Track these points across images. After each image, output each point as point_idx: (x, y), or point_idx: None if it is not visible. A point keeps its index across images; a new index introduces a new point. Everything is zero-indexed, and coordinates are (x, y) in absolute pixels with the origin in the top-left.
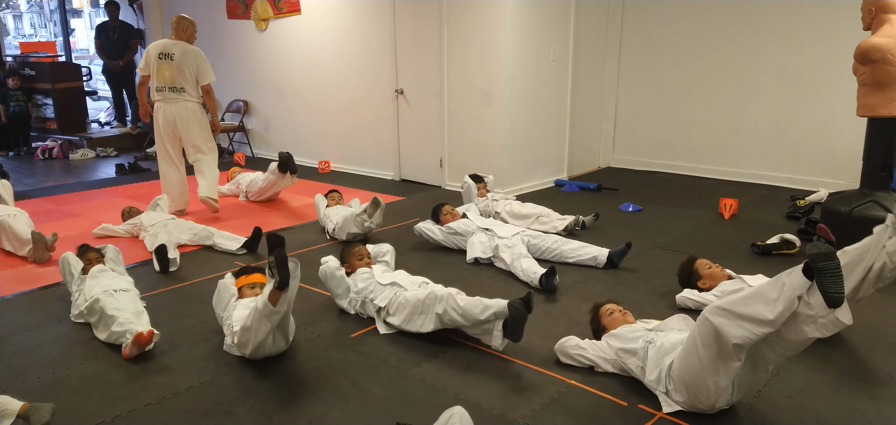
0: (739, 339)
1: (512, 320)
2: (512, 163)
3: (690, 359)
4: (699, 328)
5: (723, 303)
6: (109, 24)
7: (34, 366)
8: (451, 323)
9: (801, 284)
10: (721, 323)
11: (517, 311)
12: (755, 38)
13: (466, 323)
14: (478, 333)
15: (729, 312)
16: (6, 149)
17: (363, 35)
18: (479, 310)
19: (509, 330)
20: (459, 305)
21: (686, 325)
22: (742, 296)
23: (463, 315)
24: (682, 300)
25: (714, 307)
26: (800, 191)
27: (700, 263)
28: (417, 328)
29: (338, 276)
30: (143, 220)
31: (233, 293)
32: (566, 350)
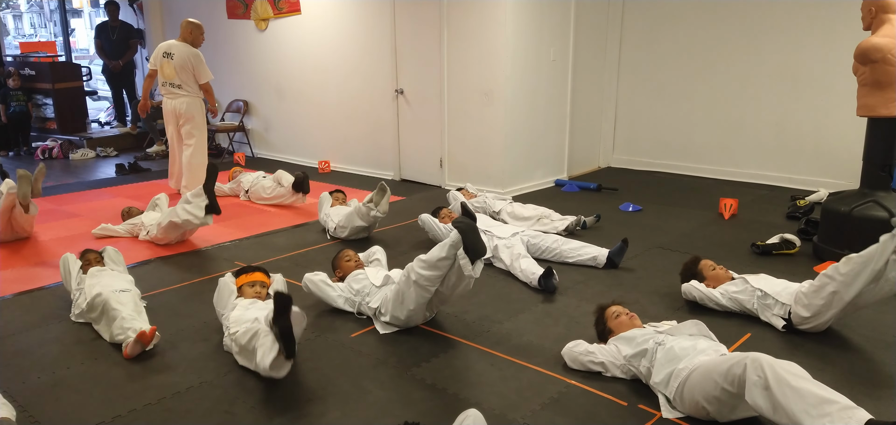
0: (757, 406)
1: (464, 236)
2: (512, 163)
3: (707, 386)
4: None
5: (767, 363)
6: (109, 23)
7: (34, 366)
8: (426, 283)
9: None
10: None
11: (463, 225)
12: (755, 38)
13: (437, 272)
14: (457, 281)
15: (765, 381)
16: (6, 149)
17: (363, 35)
18: (443, 253)
19: (469, 250)
20: (423, 260)
21: (698, 330)
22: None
23: (429, 266)
24: (687, 291)
25: (758, 361)
26: (800, 191)
27: (704, 264)
28: (407, 313)
29: (323, 287)
30: (143, 220)
31: (233, 290)
32: (575, 355)
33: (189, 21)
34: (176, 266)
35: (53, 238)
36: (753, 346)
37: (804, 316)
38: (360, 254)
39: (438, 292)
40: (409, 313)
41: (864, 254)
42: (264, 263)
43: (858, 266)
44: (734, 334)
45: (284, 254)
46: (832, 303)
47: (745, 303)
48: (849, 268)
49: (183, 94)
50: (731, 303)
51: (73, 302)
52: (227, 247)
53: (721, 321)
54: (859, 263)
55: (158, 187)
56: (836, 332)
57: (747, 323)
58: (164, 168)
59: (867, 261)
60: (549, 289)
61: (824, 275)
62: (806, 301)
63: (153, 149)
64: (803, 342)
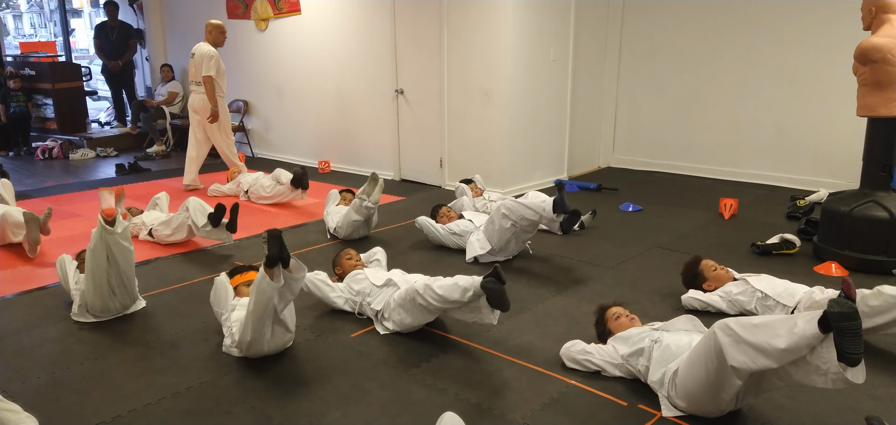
0: (738, 364)
1: (491, 296)
2: (512, 163)
3: (695, 370)
4: (706, 340)
5: (733, 322)
6: (108, 23)
7: (34, 366)
8: (437, 312)
9: (813, 336)
10: (725, 342)
11: (492, 287)
12: (755, 38)
13: (446, 307)
14: (471, 315)
15: (735, 334)
16: (6, 149)
17: (363, 35)
18: (458, 294)
19: (494, 304)
20: (437, 293)
21: (693, 326)
22: (753, 321)
23: (443, 301)
24: (687, 301)
25: (724, 323)
26: (800, 191)
27: (705, 264)
28: (410, 326)
29: (323, 287)
30: (143, 219)
31: (229, 290)
32: (572, 355)
33: (209, 22)
34: (176, 266)
35: (53, 238)
36: None
37: None
38: (360, 254)
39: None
40: (411, 325)
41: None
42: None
43: (888, 304)
44: None
45: None
46: None
47: (745, 306)
48: (879, 303)
49: (200, 90)
50: (731, 307)
51: (74, 301)
52: (228, 246)
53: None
54: (891, 301)
55: (158, 187)
56: None
57: None
58: (165, 168)
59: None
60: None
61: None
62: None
63: (153, 149)
64: None
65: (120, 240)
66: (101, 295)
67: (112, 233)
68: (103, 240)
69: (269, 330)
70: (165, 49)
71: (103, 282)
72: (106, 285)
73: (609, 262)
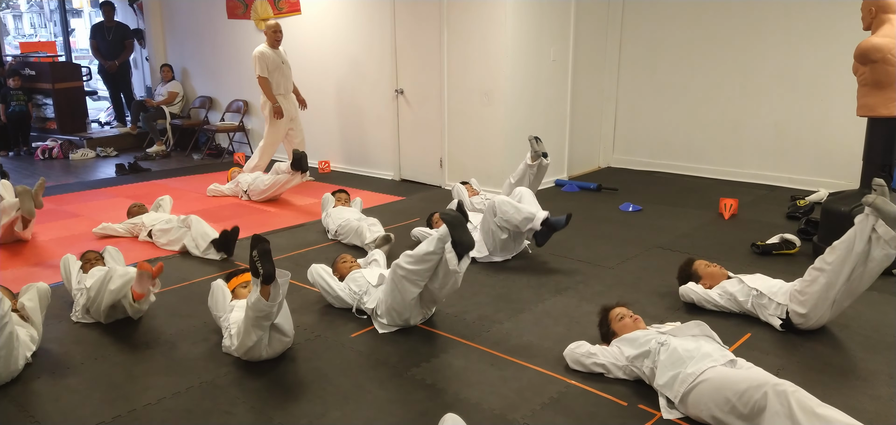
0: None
1: (451, 229)
2: (512, 163)
3: (719, 400)
4: (750, 386)
5: (792, 394)
6: (105, 24)
7: (34, 366)
8: (414, 277)
9: None
10: (774, 409)
11: (451, 217)
12: (755, 38)
13: (424, 266)
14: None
15: (791, 412)
16: (6, 149)
17: (363, 35)
18: (432, 247)
19: (456, 244)
20: (409, 255)
21: (701, 330)
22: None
23: (416, 260)
24: (684, 293)
25: (782, 389)
26: (800, 191)
27: (699, 264)
28: (400, 311)
29: (327, 279)
30: (143, 220)
31: (226, 293)
32: (577, 357)
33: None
34: (176, 266)
35: (53, 238)
36: (753, 346)
37: (801, 313)
38: (360, 259)
39: (428, 289)
40: (400, 309)
41: (846, 239)
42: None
43: (843, 251)
44: (734, 334)
45: (284, 254)
46: (826, 294)
47: (742, 304)
48: (835, 256)
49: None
50: (729, 303)
51: (75, 301)
52: None
53: (720, 321)
54: (844, 249)
55: (158, 187)
56: (835, 332)
57: (747, 324)
58: (165, 168)
59: (850, 245)
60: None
61: (813, 268)
62: (801, 297)
63: (153, 149)
64: (803, 342)
65: (137, 310)
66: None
67: (136, 308)
68: (125, 298)
69: (267, 336)
70: (165, 49)
71: (104, 306)
72: (105, 308)
73: (609, 262)
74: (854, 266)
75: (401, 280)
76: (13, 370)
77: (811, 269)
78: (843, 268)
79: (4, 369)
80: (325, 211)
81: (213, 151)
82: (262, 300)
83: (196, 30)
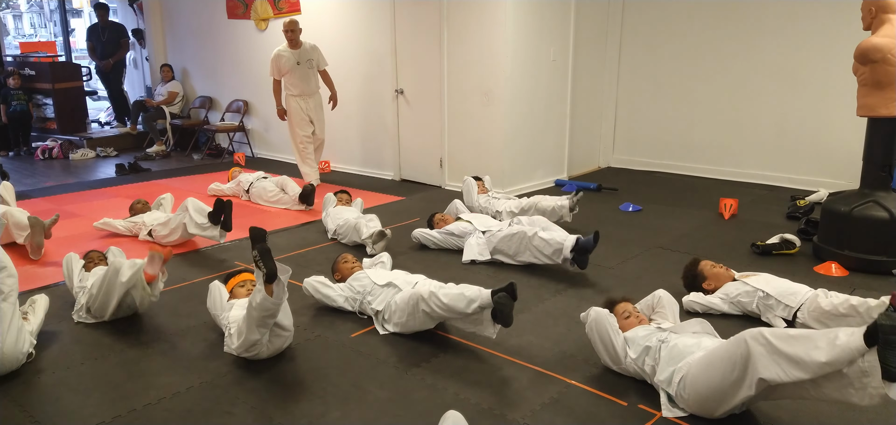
0: (769, 376)
1: (499, 310)
2: (512, 163)
3: (711, 372)
4: (732, 346)
5: (767, 332)
6: (100, 24)
7: (34, 366)
8: (440, 318)
9: (857, 349)
10: (757, 351)
11: (502, 302)
12: (755, 38)
13: (454, 317)
14: (470, 326)
15: (769, 344)
16: (6, 150)
17: (363, 35)
18: (463, 305)
19: (499, 319)
20: (443, 302)
21: (703, 327)
22: (790, 332)
23: (448, 310)
24: (688, 304)
25: (757, 332)
26: (800, 191)
27: (704, 264)
28: (412, 329)
29: (322, 290)
30: (144, 219)
31: (224, 294)
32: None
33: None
34: (176, 266)
35: (53, 238)
36: None
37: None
38: (364, 260)
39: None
40: (413, 328)
41: None
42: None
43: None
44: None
45: (284, 254)
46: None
47: (747, 306)
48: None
49: None
50: (733, 308)
51: (76, 300)
52: (228, 247)
53: (721, 322)
54: None
55: (158, 187)
56: None
57: (747, 324)
58: (164, 168)
59: None
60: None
61: (853, 305)
62: (824, 320)
63: (153, 149)
64: None
65: (149, 296)
66: (106, 308)
67: (147, 294)
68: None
69: (267, 334)
70: (165, 49)
71: (113, 302)
72: (115, 304)
73: (609, 262)
74: None
75: (424, 314)
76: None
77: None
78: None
79: (12, 350)
80: (325, 210)
81: (213, 151)
82: (267, 298)
83: (196, 30)
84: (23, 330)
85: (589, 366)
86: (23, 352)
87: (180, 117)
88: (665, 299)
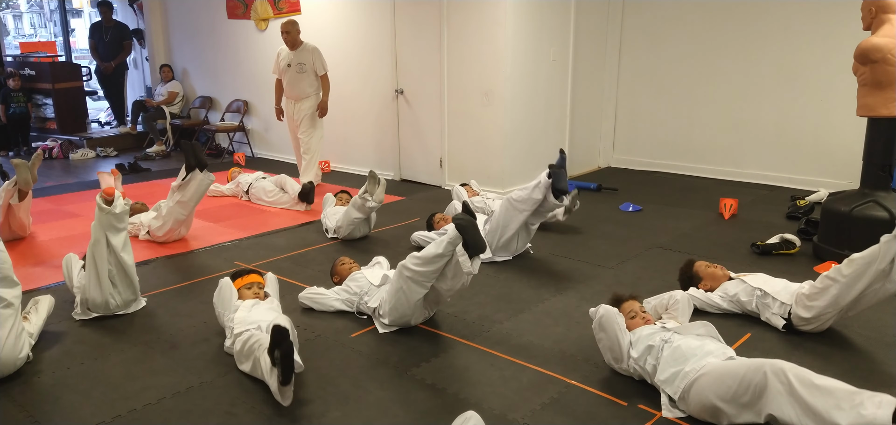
0: (781, 417)
1: (463, 233)
2: (512, 163)
3: (721, 387)
4: (748, 370)
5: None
6: (103, 24)
7: (34, 366)
8: (421, 278)
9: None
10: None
11: (463, 221)
12: (755, 38)
13: (432, 268)
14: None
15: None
16: (6, 149)
17: (363, 35)
18: (438, 249)
19: (469, 247)
20: (419, 257)
21: (707, 330)
22: (814, 381)
23: (424, 262)
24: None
25: (780, 368)
26: (800, 191)
27: (699, 265)
28: (404, 312)
29: (319, 299)
30: (142, 219)
31: (233, 292)
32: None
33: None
34: (176, 266)
35: (53, 238)
36: (754, 346)
37: (805, 317)
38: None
39: (435, 289)
40: (404, 310)
41: (867, 255)
42: (264, 263)
43: (861, 267)
44: (734, 334)
45: (284, 254)
46: (834, 304)
47: (745, 305)
48: (851, 270)
49: None
50: (731, 306)
51: (75, 299)
52: (227, 247)
53: (721, 321)
54: (862, 265)
55: (158, 187)
56: (837, 332)
57: (747, 324)
58: (164, 168)
59: (870, 262)
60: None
61: (826, 277)
62: (807, 302)
63: (153, 149)
64: (803, 341)
65: (115, 223)
66: (102, 287)
67: (109, 212)
68: (102, 224)
69: None
70: (165, 49)
71: (104, 273)
72: (106, 276)
73: (609, 262)
74: (870, 283)
75: (407, 281)
76: (19, 357)
77: (824, 277)
78: (857, 283)
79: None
80: (325, 210)
81: (213, 151)
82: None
83: (196, 30)
84: (22, 334)
85: (589, 366)
86: (20, 358)
87: (180, 117)
88: (682, 301)
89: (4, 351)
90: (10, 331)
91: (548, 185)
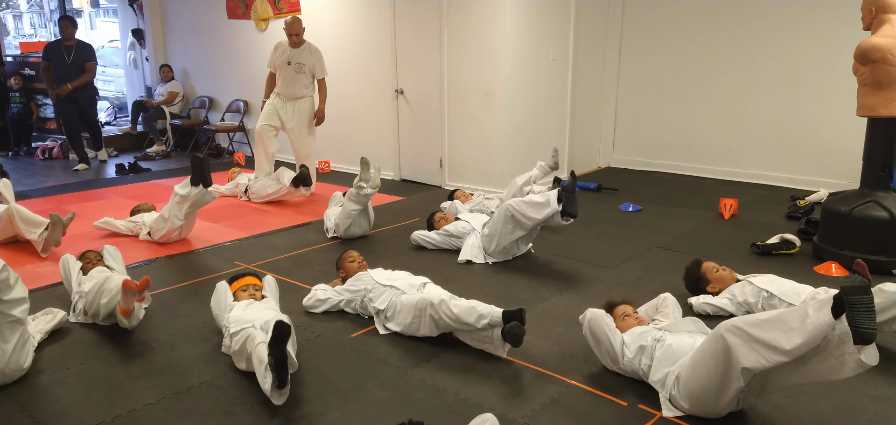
0: (750, 364)
1: (509, 335)
2: (512, 163)
3: (697, 371)
4: (711, 342)
5: (740, 322)
6: (63, 42)
7: (35, 366)
8: (447, 328)
9: (827, 323)
10: (734, 343)
11: (514, 331)
12: (755, 38)
13: (462, 329)
14: (478, 341)
15: (744, 333)
16: (6, 149)
17: (363, 35)
18: (473, 319)
19: (509, 339)
20: (453, 313)
21: (697, 327)
22: (762, 318)
23: (457, 322)
24: (699, 307)
25: (731, 324)
26: (800, 191)
27: (707, 267)
28: (414, 332)
29: (321, 303)
30: (143, 219)
31: (228, 294)
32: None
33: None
34: (176, 266)
35: None
36: None
37: None
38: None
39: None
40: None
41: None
42: (264, 263)
43: (888, 302)
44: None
45: (284, 254)
46: None
47: (753, 307)
48: (881, 300)
49: None
50: (740, 309)
51: (73, 303)
52: (227, 247)
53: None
54: (891, 300)
55: (159, 187)
56: None
57: None
58: (165, 168)
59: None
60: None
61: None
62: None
63: (153, 149)
64: None
65: (127, 326)
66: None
67: (125, 324)
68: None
69: None
70: (165, 49)
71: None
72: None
73: (609, 262)
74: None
75: (430, 319)
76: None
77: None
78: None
79: (15, 363)
80: (328, 209)
81: (213, 151)
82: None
83: (196, 30)
84: (27, 344)
85: (589, 366)
86: (23, 368)
87: (180, 117)
88: (670, 302)
89: (10, 362)
90: (16, 343)
91: (557, 211)
